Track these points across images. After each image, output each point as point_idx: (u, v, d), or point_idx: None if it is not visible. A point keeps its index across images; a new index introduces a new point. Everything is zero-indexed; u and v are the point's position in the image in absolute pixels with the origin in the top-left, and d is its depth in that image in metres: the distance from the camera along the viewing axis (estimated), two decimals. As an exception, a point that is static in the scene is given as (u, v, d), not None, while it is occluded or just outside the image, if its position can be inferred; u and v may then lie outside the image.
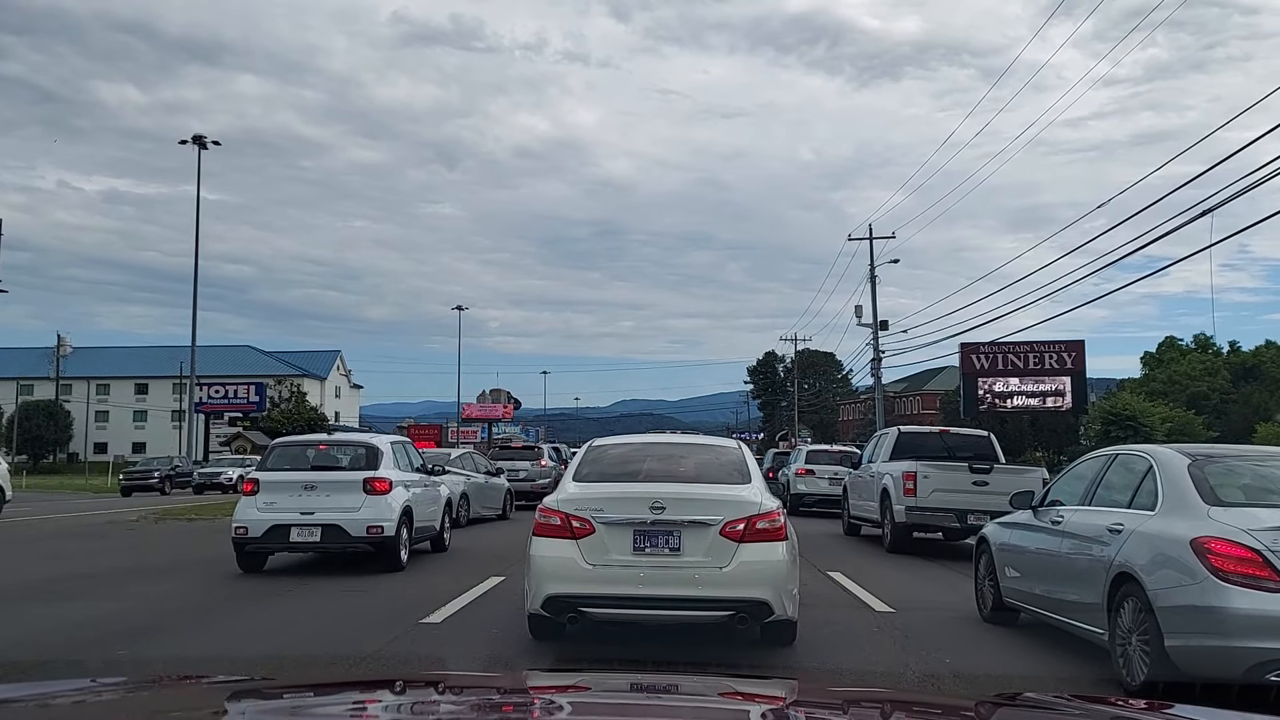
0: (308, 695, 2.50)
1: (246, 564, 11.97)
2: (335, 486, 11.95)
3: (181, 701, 2.41)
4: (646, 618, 6.99)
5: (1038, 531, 7.91)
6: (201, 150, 49.33)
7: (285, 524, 11.66)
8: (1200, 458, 6.44)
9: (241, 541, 11.82)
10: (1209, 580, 5.51)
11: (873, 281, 40.90)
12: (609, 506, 6.88)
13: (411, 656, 7.21)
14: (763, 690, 2.61)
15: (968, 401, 42.06)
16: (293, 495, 11.85)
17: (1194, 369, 69.07)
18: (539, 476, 25.19)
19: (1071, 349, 41.73)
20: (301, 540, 11.77)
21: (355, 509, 11.75)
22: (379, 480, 12.01)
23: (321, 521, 11.65)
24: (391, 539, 11.82)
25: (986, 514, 13.64)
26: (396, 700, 2.35)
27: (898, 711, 2.38)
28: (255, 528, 11.72)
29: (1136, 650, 6.01)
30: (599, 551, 6.78)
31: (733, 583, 6.69)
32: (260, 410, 70.50)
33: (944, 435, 17.32)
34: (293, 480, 12.06)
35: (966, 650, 7.74)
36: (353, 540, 11.75)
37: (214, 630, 8.38)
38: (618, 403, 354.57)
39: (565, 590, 6.78)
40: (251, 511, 11.85)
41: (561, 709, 2.23)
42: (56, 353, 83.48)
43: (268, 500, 11.89)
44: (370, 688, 2.78)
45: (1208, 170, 17.99)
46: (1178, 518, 6.02)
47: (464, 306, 78.51)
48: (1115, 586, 6.31)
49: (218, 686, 2.63)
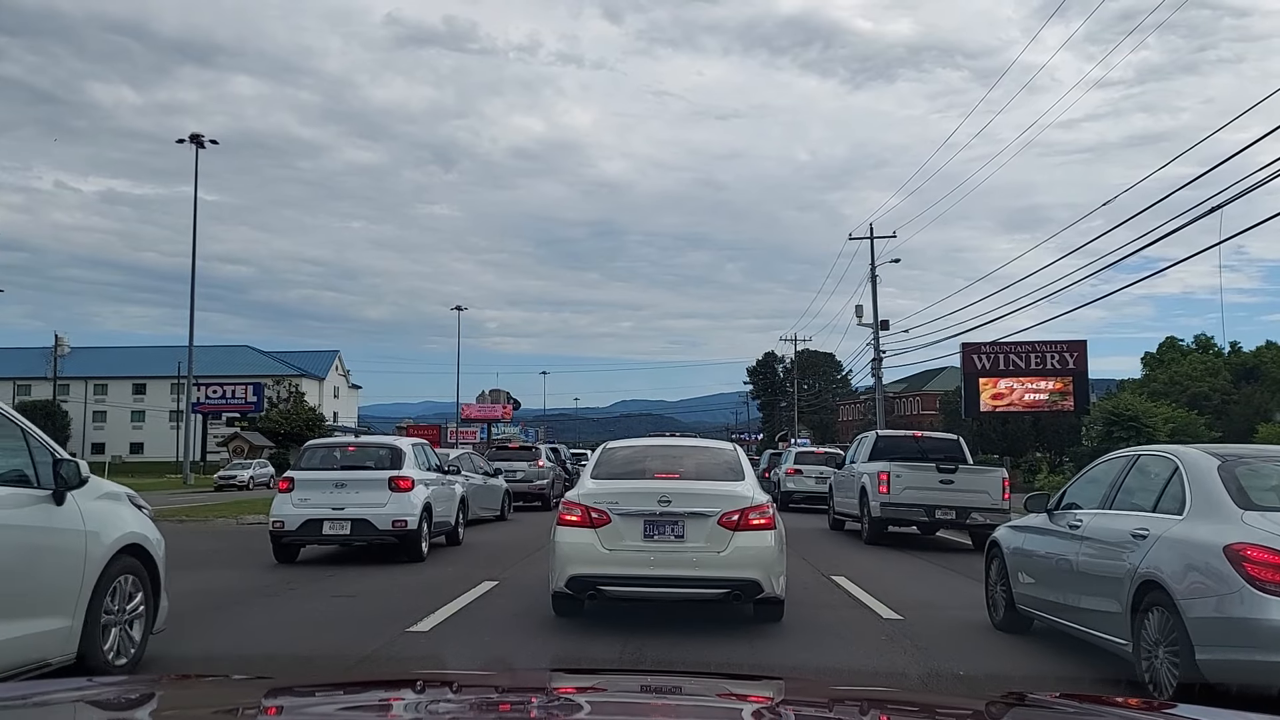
0: (318, 694, 2.46)
1: (282, 555, 12.94)
2: (363, 484, 12.92)
3: (183, 700, 2.37)
4: (655, 594, 7.90)
5: (1054, 536, 7.57)
6: (199, 149, 49.39)
7: (318, 518, 12.68)
8: (1230, 459, 6.10)
9: (278, 534, 12.84)
10: (1244, 589, 5.18)
11: (873, 281, 40.57)
12: (623, 500, 7.88)
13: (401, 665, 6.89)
14: (761, 691, 2.61)
15: (969, 402, 41.66)
16: (324, 492, 12.84)
17: (1195, 369, 68.97)
18: (536, 477, 25.13)
19: (1073, 349, 41.33)
20: (333, 533, 12.74)
21: (382, 505, 12.75)
22: (403, 479, 13.01)
23: (351, 516, 12.63)
24: (414, 532, 12.87)
25: (952, 509, 15.73)
26: (415, 699, 2.29)
27: (903, 712, 2.38)
28: (291, 522, 12.76)
29: (1164, 663, 5.68)
30: (614, 538, 7.77)
31: (729, 565, 7.70)
32: (258, 410, 70.13)
33: (918, 439, 18.55)
34: (324, 479, 13.08)
35: (980, 659, 7.46)
36: (379, 533, 12.71)
37: (191, 641, 8.00)
38: (617, 403, 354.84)
39: (586, 571, 7.76)
40: (287, 507, 12.88)
41: (579, 708, 2.22)
42: (54, 353, 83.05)
43: (302, 497, 12.92)
44: (384, 687, 2.71)
45: (1208, 171, 17.84)
46: (1208, 522, 5.69)
47: (463, 307, 78.49)
48: (1140, 595, 5.98)
49: (222, 684, 2.61)
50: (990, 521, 15.59)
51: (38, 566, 5.41)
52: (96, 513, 5.93)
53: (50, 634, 5.44)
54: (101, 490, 6.16)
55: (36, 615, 5.34)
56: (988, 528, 15.43)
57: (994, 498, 15.86)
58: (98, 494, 6.07)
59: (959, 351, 41.31)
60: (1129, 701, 2.48)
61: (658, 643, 7.56)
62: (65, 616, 5.53)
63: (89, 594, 5.69)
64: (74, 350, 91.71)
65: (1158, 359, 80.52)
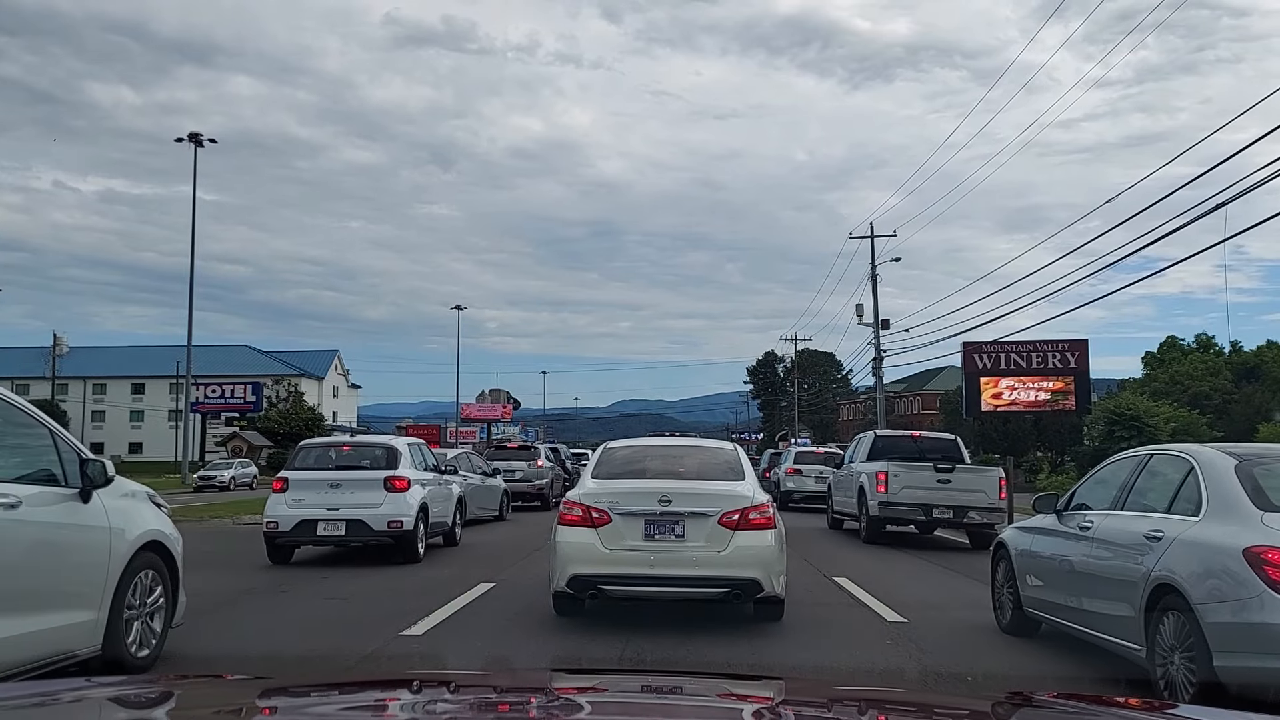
0: (324, 693, 2.43)
1: (276, 556, 12.67)
2: (358, 484, 12.63)
3: (183, 699, 2.34)
4: (656, 594, 7.89)
5: (1063, 538, 7.38)
6: (198, 148, 49.19)
7: (313, 519, 12.39)
8: (1247, 459, 5.91)
9: (272, 535, 12.58)
10: (1266, 594, 4.99)
11: (874, 280, 40.37)
12: (623, 500, 7.85)
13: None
14: (761, 691, 2.57)
15: (970, 401, 41.49)
16: (319, 492, 12.56)
17: (1196, 369, 68.86)
18: (535, 477, 25.09)
19: (1075, 348, 40.97)
20: (327, 534, 12.47)
21: (377, 505, 12.46)
22: (398, 479, 12.72)
23: (346, 516, 12.37)
24: (410, 533, 12.57)
25: (950, 509, 15.79)
26: (412, 699, 2.26)
27: (905, 712, 2.35)
28: (285, 522, 12.47)
29: (1180, 669, 5.50)
30: (615, 538, 7.74)
31: (729, 564, 7.68)
32: (257, 410, 69.92)
33: (915, 439, 18.73)
34: (319, 479, 12.78)
35: (987, 662, 7.27)
36: (375, 534, 12.42)
37: (176, 645, 7.79)
38: (617, 403, 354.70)
39: (586, 571, 7.73)
40: (281, 507, 12.60)
41: (579, 708, 2.19)
42: (53, 352, 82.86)
43: (296, 497, 12.62)
44: (383, 686, 2.66)
45: (1209, 170, 17.68)
46: (1226, 524, 5.50)
47: (463, 306, 78.52)
48: (1154, 599, 5.80)
49: (217, 684, 2.59)
50: (987, 520, 16.01)
51: (65, 562, 5.58)
52: (120, 510, 6.06)
53: (77, 627, 5.55)
54: (124, 489, 6.29)
55: (64, 609, 5.48)
56: (985, 527, 16.04)
57: (991, 497, 16.00)
58: (121, 493, 6.21)
59: (959, 351, 41.17)
60: (1130, 701, 2.45)
61: (658, 644, 7.47)
62: (91, 610, 5.67)
63: (113, 588, 5.84)
64: (73, 350, 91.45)
65: (1158, 358, 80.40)
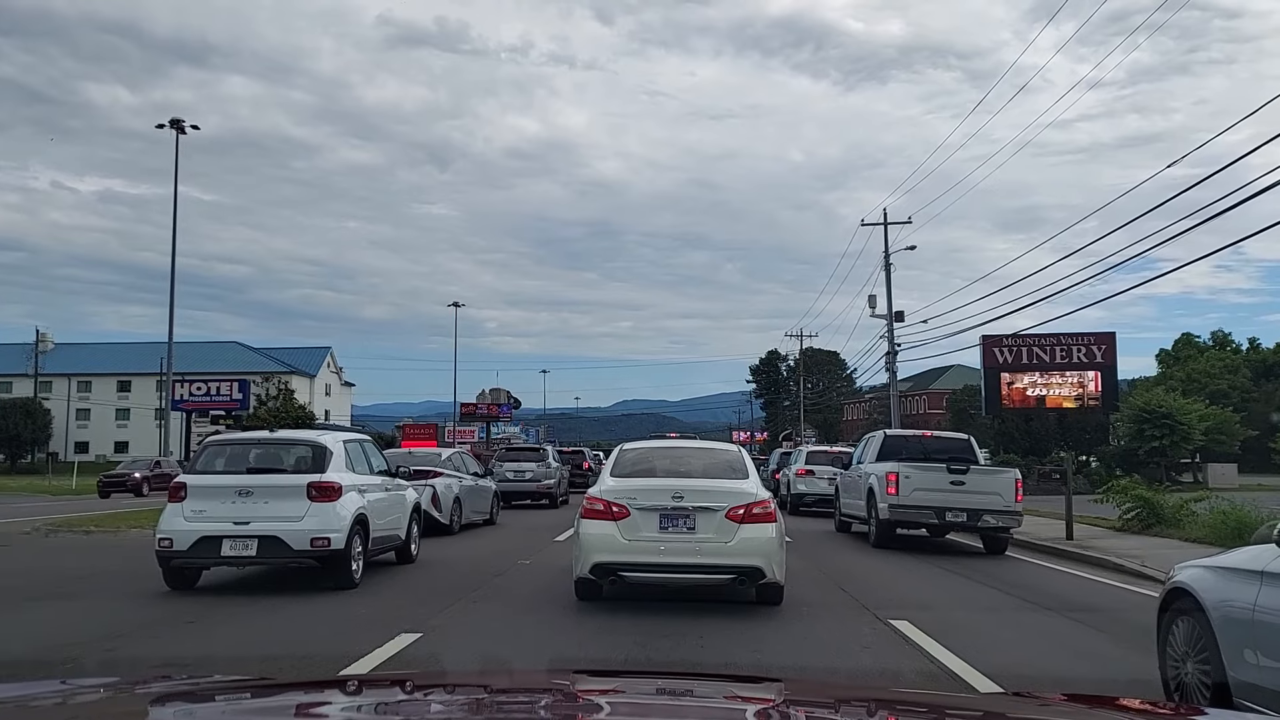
0: (326, 693, 2.46)
1: (174, 581, 10.33)
2: (274, 492, 10.34)
3: (176, 700, 2.29)
4: (669, 579, 8.90)
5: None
6: (179, 135, 46.87)
7: (216, 535, 10.06)
8: None
9: (166, 556, 10.17)
10: None
11: (887, 269, 37.88)
12: (640, 495, 8.86)
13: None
14: (764, 693, 2.48)
15: (990, 398, 38.99)
16: (225, 502, 10.25)
17: (1213, 366, 67.27)
18: (545, 477, 25.94)
19: (1101, 341, 38.78)
20: (235, 554, 10.15)
21: (298, 518, 10.16)
22: (326, 484, 10.38)
23: (258, 532, 10.08)
24: (341, 552, 10.25)
25: (963, 511, 15.19)
26: (412, 699, 2.31)
27: (906, 712, 2.34)
28: (181, 540, 10.08)
29: None
30: (633, 530, 8.75)
31: (735, 553, 8.69)
32: (244, 408, 67.57)
33: (926, 439, 18.38)
34: (225, 485, 10.45)
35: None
36: (294, 554, 10.15)
37: None
38: (619, 403, 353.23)
39: (607, 559, 8.75)
40: (178, 521, 10.21)
41: (580, 708, 2.21)
42: (35, 348, 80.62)
43: (196, 508, 10.25)
44: (381, 687, 2.74)
45: (1213, 174, 16.80)
46: None
47: (460, 303, 76.60)
48: None
49: (220, 684, 2.58)
50: (1003, 525, 15.14)
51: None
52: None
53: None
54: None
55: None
56: (1000, 531, 15.38)
57: (1007, 500, 15.34)
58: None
59: (974, 345, 38.73)
60: (1131, 702, 2.41)
61: (658, 645, 7.43)
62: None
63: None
64: (58, 346, 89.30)
65: (1174, 356, 78.35)
